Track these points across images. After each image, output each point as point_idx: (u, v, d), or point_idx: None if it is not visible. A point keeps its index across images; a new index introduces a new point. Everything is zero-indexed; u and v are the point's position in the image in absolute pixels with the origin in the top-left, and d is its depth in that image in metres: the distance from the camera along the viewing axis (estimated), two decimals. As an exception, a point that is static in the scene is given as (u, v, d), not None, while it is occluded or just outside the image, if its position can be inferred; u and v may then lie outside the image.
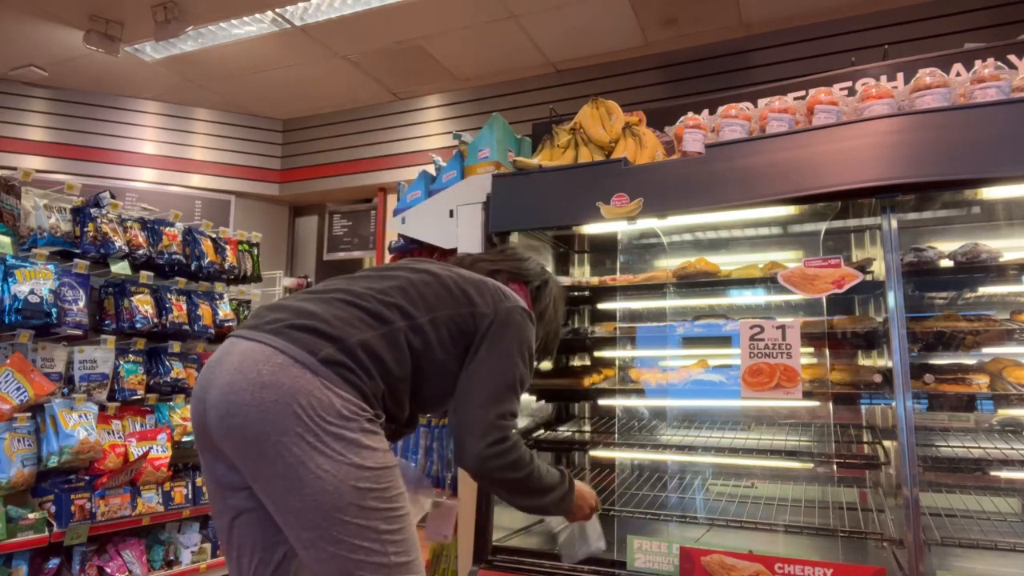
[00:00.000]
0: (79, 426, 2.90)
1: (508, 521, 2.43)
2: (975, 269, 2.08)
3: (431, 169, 3.00)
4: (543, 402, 2.82)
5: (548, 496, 1.63)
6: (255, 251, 4.11)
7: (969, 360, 2.24)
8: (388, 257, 2.99)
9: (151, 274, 3.42)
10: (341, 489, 1.30)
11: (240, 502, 1.46)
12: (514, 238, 2.48)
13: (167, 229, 3.52)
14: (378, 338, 1.43)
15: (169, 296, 3.46)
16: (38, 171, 3.82)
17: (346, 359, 1.38)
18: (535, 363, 1.80)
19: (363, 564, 1.32)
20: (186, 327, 3.49)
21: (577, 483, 1.74)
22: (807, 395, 2.13)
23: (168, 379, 3.42)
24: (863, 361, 2.57)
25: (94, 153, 5.94)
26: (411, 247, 2.81)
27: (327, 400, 1.33)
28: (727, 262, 2.46)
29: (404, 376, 1.47)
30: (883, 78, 2.61)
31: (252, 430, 1.31)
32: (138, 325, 3.26)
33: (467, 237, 2.54)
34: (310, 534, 1.32)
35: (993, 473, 2.14)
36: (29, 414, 2.89)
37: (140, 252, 3.33)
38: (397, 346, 1.45)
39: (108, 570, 3.02)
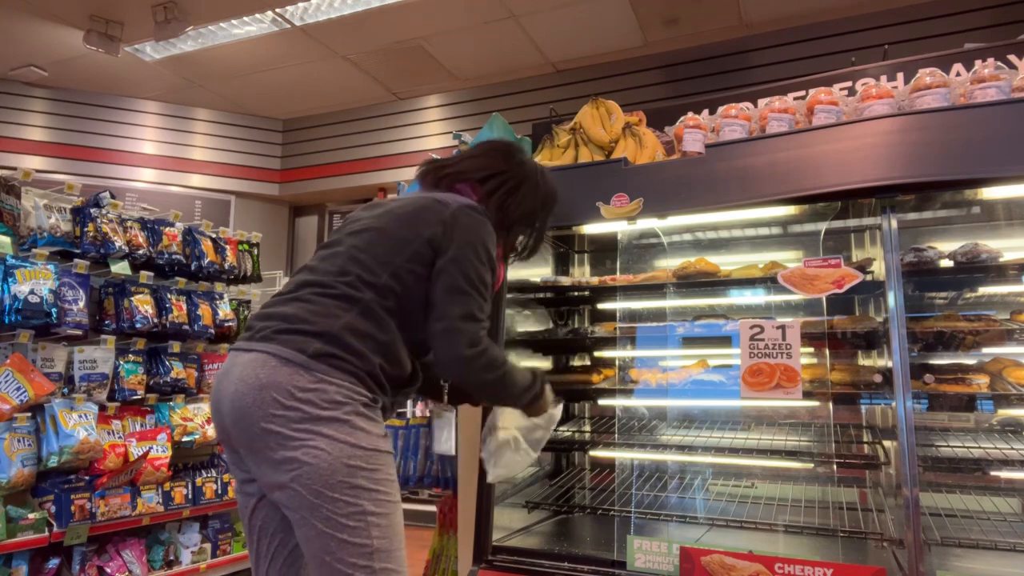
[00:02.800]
0: (79, 426, 2.90)
1: (508, 521, 2.43)
2: (975, 269, 2.08)
3: (431, 169, 2.99)
4: (543, 402, 2.81)
5: (520, 397, 1.72)
6: (255, 251, 4.10)
7: (969, 360, 2.24)
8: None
9: (151, 274, 3.42)
10: (334, 466, 1.39)
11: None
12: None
13: (167, 229, 3.51)
14: (356, 316, 1.50)
15: (169, 296, 3.46)
16: (38, 171, 3.82)
17: (335, 349, 1.46)
18: (525, 253, 1.90)
19: (346, 544, 1.38)
20: (186, 327, 3.49)
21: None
22: (807, 395, 2.12)
23: (168, 379, 3.42)
24: (863, 361, 2.57)
25: (94, 153, 5.93)
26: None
27: (321, 389, 1.42)
28: (727, 262, 2.46)
29: (393, 336, 1.53)
30: (883, 78, 2.60)
31: (256, 428, 1.42)
32: (138, 325, 3.26)
33: (467, 237, 2.53)
34: (303, 513, 1.40)
35: (993, 473, 2.14)
36: (29, 414, 2.89)
37: (140, 252, 3.33)
38: (375, 315, 1.51)
39: (108, 570, 3.02)
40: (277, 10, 4.70)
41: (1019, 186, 1.88)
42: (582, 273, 3.11)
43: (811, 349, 2.39)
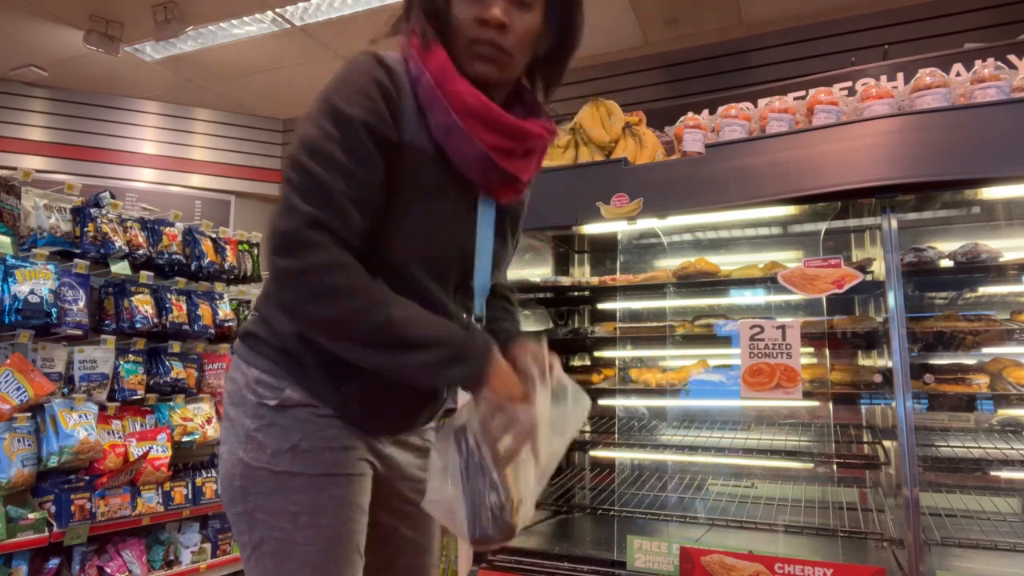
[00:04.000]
0: (79, 426, 2.90)
1: (508, 521, 2.42)
2: (975, 269, 2.08)
3: (431, 169, 2.99)
4: (543, 402, 2.82)
5: (403, 356, 1.03)
6: (255, 251, 4.10)
7: (969, 360, 2.24)
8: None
9: (151, 274, 3.42)
10: (223, 483, 1.16)
11: None
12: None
13: (167, 229, 3.51)
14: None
15: (169, 296, 3.46)
16: (38, 171, 3.82)
17: (253, 325, 1.18)
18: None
19: (247, 570, 1.19)
20: (186, 327, 3.49)
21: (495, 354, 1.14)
22: (807, 395, 2.13)
23: (168, 379, 3.42)
24: (863, 361, 2.57)
25: (94, 153, 5.93)
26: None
27: (234, 379, 1.17)
28: (727, 262, 2.46)
29: None
30: (883, 78, 2.61)
31: None
32: (138, 325, 3.26)
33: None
34: None
35: (993, 473, 2.14)
36: (29, 414, 2.88)
37: (140, 252, 3.32)
38: None
39: (108, 570, 3.02)
40: (277, 10, 4.69)
41: (1019, 186, 1.88)
42: (582, 273, 3.11)
43: (811, 349, 2.39)
